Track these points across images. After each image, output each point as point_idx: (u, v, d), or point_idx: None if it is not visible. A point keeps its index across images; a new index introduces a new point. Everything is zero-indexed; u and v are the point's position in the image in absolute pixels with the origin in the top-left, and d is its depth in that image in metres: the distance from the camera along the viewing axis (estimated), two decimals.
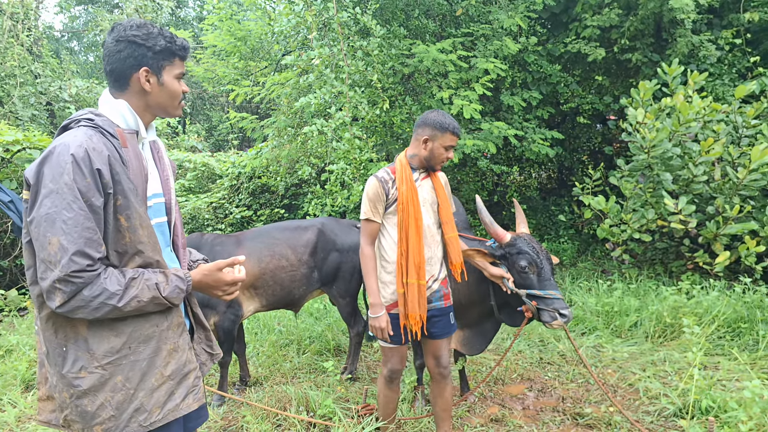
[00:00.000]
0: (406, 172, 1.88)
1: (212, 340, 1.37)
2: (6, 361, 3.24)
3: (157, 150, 1.28)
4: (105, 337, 1.08)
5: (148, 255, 1.12)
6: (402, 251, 1.86)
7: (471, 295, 2.21)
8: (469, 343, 2.32)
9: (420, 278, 1.85)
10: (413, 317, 1.85)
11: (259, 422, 2.37)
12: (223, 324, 2.61)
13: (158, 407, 1.12)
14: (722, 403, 2.27)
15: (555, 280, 2.02)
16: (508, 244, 2.03)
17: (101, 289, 1.02)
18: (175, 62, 1.19)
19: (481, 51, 4.89)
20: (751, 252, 3.44)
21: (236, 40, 6.24)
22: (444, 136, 1.86)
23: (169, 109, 1.23)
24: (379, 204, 1.88)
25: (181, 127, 11.34)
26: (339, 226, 2.93)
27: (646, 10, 4.61)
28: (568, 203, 6.38)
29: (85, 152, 1.01)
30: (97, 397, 1.07)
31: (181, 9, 15.58)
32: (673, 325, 3.26)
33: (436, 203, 1.94)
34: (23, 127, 8.08)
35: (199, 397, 1.21)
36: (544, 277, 1.95)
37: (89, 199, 1.01)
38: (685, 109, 3.74)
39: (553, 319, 1.89)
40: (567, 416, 2.47)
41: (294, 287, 2.79)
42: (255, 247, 2.73)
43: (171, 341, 1.16)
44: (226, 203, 6.90)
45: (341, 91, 4.15)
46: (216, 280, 1.22)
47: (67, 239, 0.99)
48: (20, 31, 8.78)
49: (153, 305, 1.10)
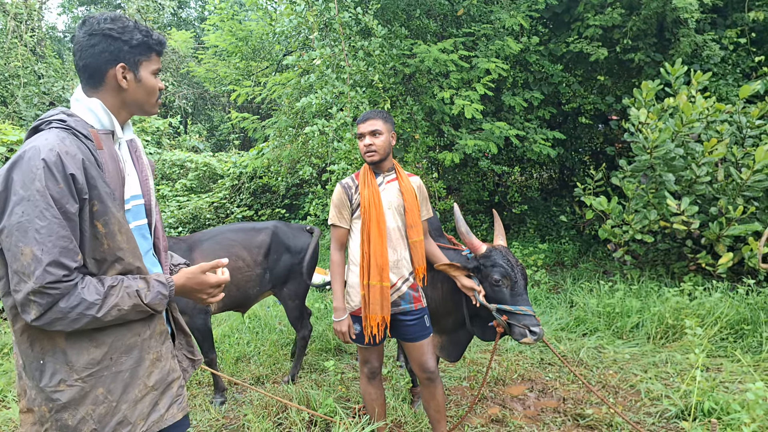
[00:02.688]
0: (368, 177, 1.92)
1: (193, 345, 1.33)
2: (10, 359, 3.25)
3: (135, 149, 1.22)
4: (84, 349, 1.03)
5: (129, 261, 1.06)
6: (364, 253, 1.88)
7: (445, 303, 2.19)
8: (446, 349, 2.30)
9: (383, 280, 1.85)
10: (373, 318, 1.86)
11: (260, 421, 2.36)
12: (196, 323, 2.61)
13: (142, 419, 1.08)
14: (725, 405, 2.25)
15: (528, 295, 1.95)
16: (483, 255, 1.97)
17: (79, 300, 0.97)
18: (152, 57, 1.14)
19: (483, 51, 4.88)
20: (754, 253, 3.41)
21: (238, 41, 6.26)
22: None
23: (146, 107, 1.17)
24: (344, 210, 1.93)
25: (183, 127, 11.37)
26: (290, 230, 3.01)
27: (649, 9, 4.59)
28: (570, 204, 6.36)
29: (58, 156, 0.95)
30: (78, 411, 1.02)
31: (182, 9, 15.62)
32: (675, 326, 3.25)
33: (403, 206, 1.92)
34: (27, 127, 8.12)
35: (183, 406, 1.17)
36: (517, 292, 1.89)
37: (63, 205, 0.95)
38: (688, 110, 3.72)
39: (522, 336, 1.84)
40: (568, 417, 2.46)
41: (249, 288, 2.80)
42: (211, 249, 2.71)
43: (154, 350, 1.12)
44: (227, 203, 6.91)
45: (342, 91, 4.15)
46: (200, 283, 1.16)
47: (41, 249, 0.93)
48: (24, 31, 8.82)
49: (135, 313, 1.05)
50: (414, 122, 4.98)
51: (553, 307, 4.16)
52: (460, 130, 5.09)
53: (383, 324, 1.88)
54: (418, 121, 4.97)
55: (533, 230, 6.48)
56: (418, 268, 1.95)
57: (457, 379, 2.93)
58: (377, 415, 2.07)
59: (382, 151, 1.90)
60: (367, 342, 1.93)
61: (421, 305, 1.98)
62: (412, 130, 4.92)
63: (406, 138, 5.00)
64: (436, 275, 2.15)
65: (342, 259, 1.98)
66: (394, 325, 1.99)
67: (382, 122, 1.90)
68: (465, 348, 2.29)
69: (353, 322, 1.97)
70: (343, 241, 1.98)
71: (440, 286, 2.19)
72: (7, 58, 8.51)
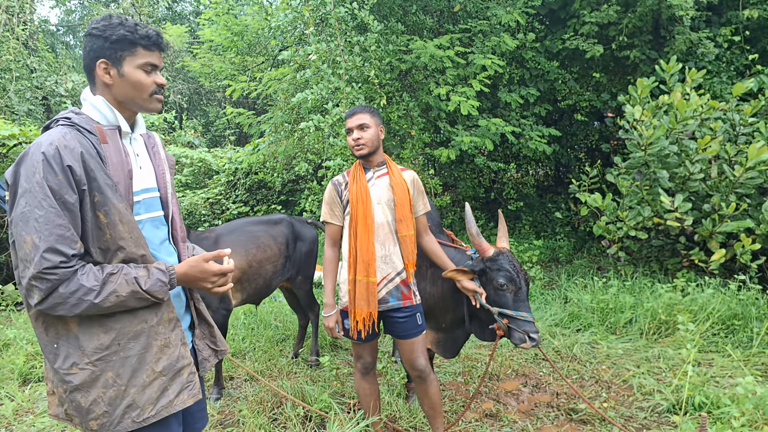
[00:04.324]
0: (357, 173, 1.93)
1: (217, 336, 1.35)
2: (3, 355, 3.24)
3: (153, 145, 1.27)
4: (94, 334, 1.08)
5: (131, 251, 1.10)
6: (351, 249, 1.89)
7: (444, 300, 2.19)
8: (443, 346, 2.30)
9: (369, 275, 1.85)
10: (360, 314, 1.87)
11: (255, 416, 2.37)
12: (217, 319, 2.62)
13: (151, 404, 1.11)
14: (715, 399, 2.29)
15: (529, 302, 1.98)
16: (490, 258, 1.96)
17: (78, 286, 1.02)
18: (137, 51, 1.13)
19: (479, 47, 4.88)
20: (746, 250, 3.45)
21: (233, 35, 6.21)
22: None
23: (138, 102, 1.16)
24: (335, 207, 1.95)
25: (178, 123, 11.29)
26: (299, 221, 3.19)
27: (645, 7, 4.60)
28: (565, 200, 6.40)
29: (56, 150, 1.01)
30: (90, 393, 1.07)
31: (177, 3, 15.46)
32: (668, 322, 3.28)
33: (393, 201, 1.92)
34: (19, 121, 8.03)
35: (195, 393, 1.19)
36: (520, 297, 1.91)
37: (62, 196, 1.01)
38: (682, 107, 3.74)
39: (522, 341, 1.87)
40: (561, 412, 2.49)
41: (273, 278, 2.89)
42: (239, 241, 2.75)
43: (162, 337, 1.15)
44: (222, 199, 6.88)
45: (338, 86, 4.14)
46: (202, 271, 1.18)
47: (39, 237, 0.99)
48: (16, 24, 8.70)
49: (135, 300, 1.08)
50: (410, 118, 4.98)
51: (547, 303, 4.19)
52: (456, 126, 5.09)
53: (370, 320, 1.88)
54: (414, 117, 4.96)
55: (528, 227, 6.51)
56: (407, 263, 1.94)
57: (452, 375, 2.95)
58: (371, 410, 2.07)
59: (371, 144, 1.89)
60: (355, 338, 1.94)
61: (410, 302, 1.96)
62: (409, 126, 4.92)
63: (403, 134, 5.00)
64: (437, 271, 2.14)
65: (334, 256, 1.98)
66: (386, 321, 1.99)
67: (369, 116, 1.90)
68: (462, 345, 2.29)
69: (344, 317, 1.98)
70: (336, 237, 1.98)
71: (440, 283, 2.18)
72: None
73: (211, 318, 1.36)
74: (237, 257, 2.67)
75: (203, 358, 1.30)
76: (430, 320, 2.24)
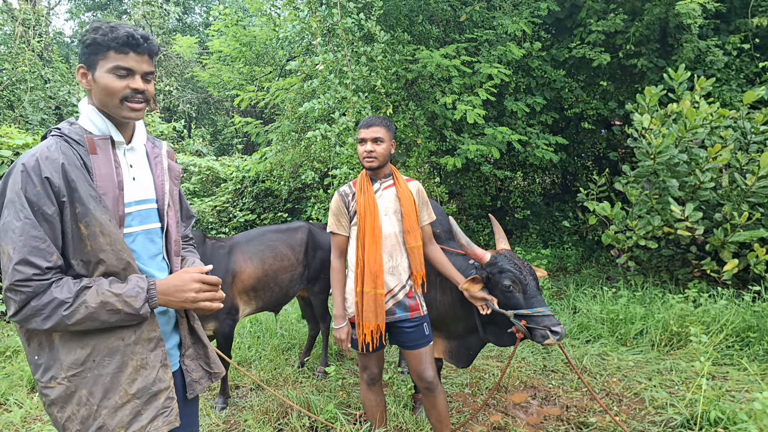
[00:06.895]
0: (364, 184, 1.92)
1: (211, 357, 1.29)
2: (13, 361, 3.26)
3: (156, 155, 1.23)
4: (72, 348, 1.05)
5: (111, 263, 1.06)
6: (358, 260, 1.87)
7: (455, 308, 2.15)
8: (456, 355, 2.25)
9: (377, 287, 1.83)
10: (368, 327, 1.85)
11: (261, 426, 2.35)
12: (223, 330, 2.61)
13: (122, 427, 1.06)
14: (731, 414, 2.22)
15: (542, 295, 1.92)
16: (488, 263, 1.92)
17: (51, 298, 0.99)
18: (108, 55, 1.07)
19: (485, 56, 4.89)
20: (760, 260, 3.38)
21: (241, 46, 6.30)
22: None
23: (109, 108, 1.10)
24: (341, 217, 1.93)
25: (187, 132, 11.44)
26: (319, 228, 3.15)
27: (652, 15, 4.59)
28: (572, 209, 6.34)
29: (36, 161, 1.01)
30: (65, 410, 1.05)
31: (187, 15, 15.77)
32: (680, 333, 3.21)
33: (400, 211, 1.90)
34: (33, 131, 8.19)
35: (171, 419, 1.12)
36: (530, 294, 1.84)
37: (40, 207, 0.99)
38: (691, 115, 3.71)
39: (545, 338, 1.78)
40: (571, 425, 2.43)
41: (291, 286, 2.86)
42: (257, 250, 2.75)
43: (138, 357, 1.09)
44: (230, 207, 6.93)
45: (345, 96, 4.17)
46: (182, 280, 1.12)
47: (13, 248, 0.98)
48: (31, 36, 8.93)
49: (106, 312, 1.03)
50: (416, 127, 4.99)
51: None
52: (462, 135, 5.09)
53: (378, 332, 1.86)
54: (420, 126, 4.97)
55: (536, 235, 6.46)
56: (416, 274, 1.92)
57: (459, 386, 2.90)
58: (378, 421, 2.04)
59: (382, 159, 1.89)
60: (362, 350, 1.92)
61: (418, 314, 1.94)
62: (414, 134, 4.93)
63: (408, 143, 5.01)
64: (446, 279, 2.11)
65: (342, 266, 1.98)
66: (393, 332, 1.97)
67: (385, 130, 1.89)
68: (476, 354, 2.24)
69: (351, 327, 1.96)
70: (342, 248, 1.97)
71: (450, 291, 2.15)
72: (14, 63, 8.60)
73: (206, 338, 1.31)
74: (251, 266, 2.68)
75: (192, 380, 1.23)
76: (441, 329, 2.21)
